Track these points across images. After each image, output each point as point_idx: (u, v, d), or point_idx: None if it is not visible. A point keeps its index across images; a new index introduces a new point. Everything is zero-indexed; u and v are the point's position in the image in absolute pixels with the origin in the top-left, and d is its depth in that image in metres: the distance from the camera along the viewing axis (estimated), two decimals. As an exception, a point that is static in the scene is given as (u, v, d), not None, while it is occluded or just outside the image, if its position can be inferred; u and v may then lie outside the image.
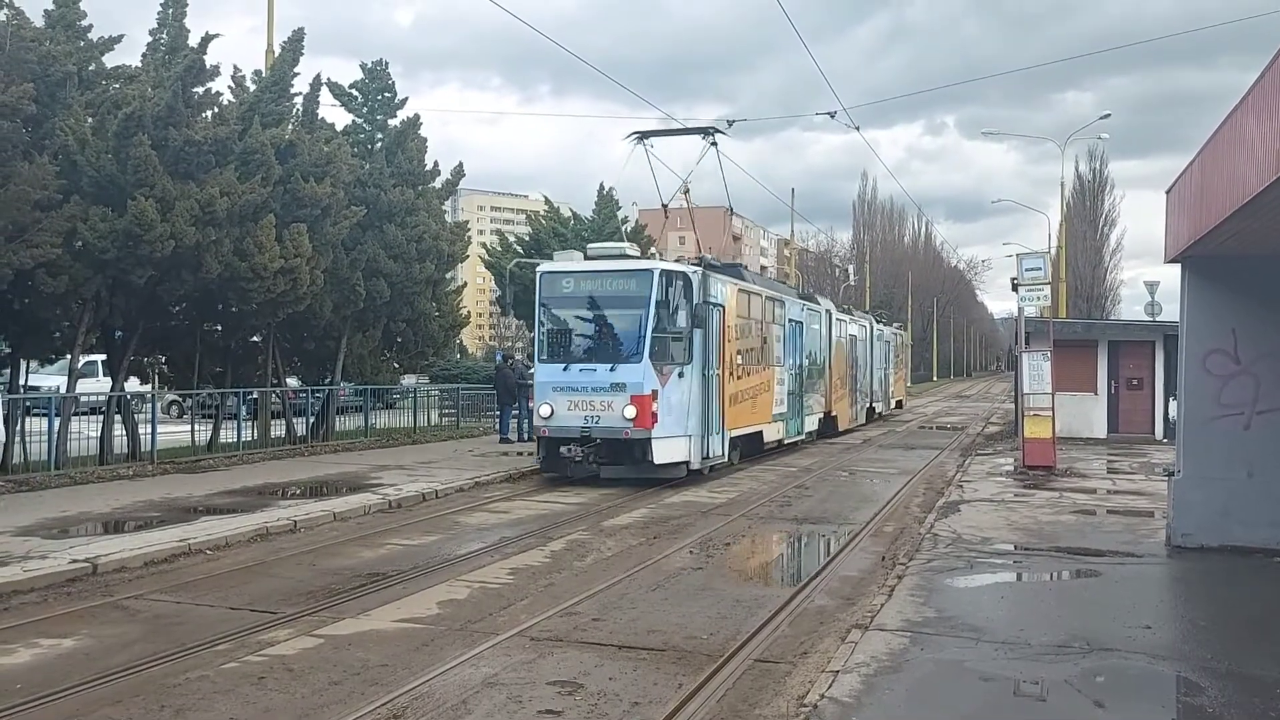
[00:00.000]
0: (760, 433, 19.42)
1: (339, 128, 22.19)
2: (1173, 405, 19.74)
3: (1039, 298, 19.02)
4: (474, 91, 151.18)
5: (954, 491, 15.04)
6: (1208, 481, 10.40)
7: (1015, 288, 18.63)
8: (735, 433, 17.69)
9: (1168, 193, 10.67)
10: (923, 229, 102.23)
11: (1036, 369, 18.09)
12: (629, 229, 33.38)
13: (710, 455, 16.28)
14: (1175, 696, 6.29)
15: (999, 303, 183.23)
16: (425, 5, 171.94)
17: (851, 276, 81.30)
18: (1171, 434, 19.45)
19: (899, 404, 41.01)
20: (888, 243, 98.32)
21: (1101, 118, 46.10)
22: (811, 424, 23.67)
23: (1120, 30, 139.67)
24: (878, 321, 36.68)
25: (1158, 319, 26.91)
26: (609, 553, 10.58)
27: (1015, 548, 10.64)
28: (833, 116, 24.76)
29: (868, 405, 31.87)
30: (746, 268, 21.16)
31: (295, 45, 18.13)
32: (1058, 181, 72.26)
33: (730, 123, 24.44)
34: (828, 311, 26.08)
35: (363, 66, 24.38)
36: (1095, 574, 9.46)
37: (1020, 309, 19.54)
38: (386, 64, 24.29)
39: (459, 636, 7.28)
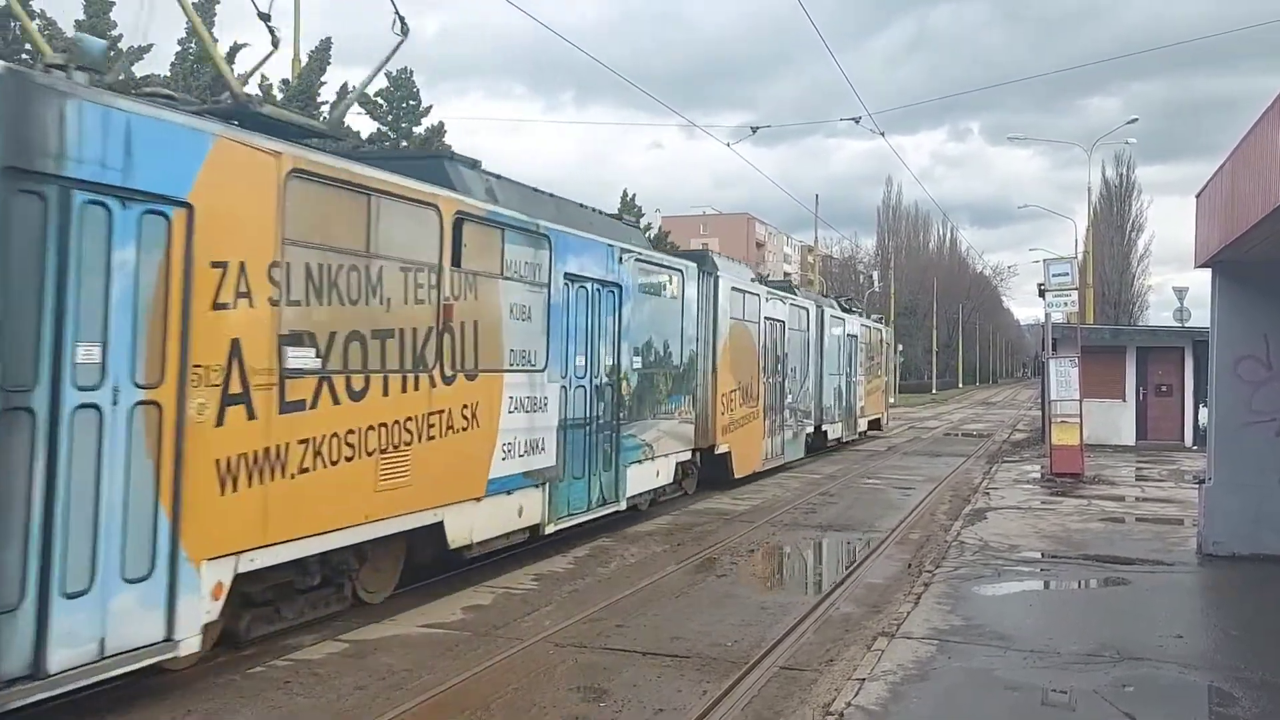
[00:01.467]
0: (440, 524, 8.41)
1: (364, 135, 22.38)
2: (1202, 412, 19.55)
3: (1066, 303, 18.91)
4: (498, 100, 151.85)
5: (980, 499, 14.93)
6: (1239, 489, 10.27)
7: (1042, 293, 18.52)
8: (288, 551, 6.71)
9: (1197, 197, 10.58)
10: (948, 235, 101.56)
11: (1064, 375, 17.94)
12: (653, 236, 33.17)
13: (95, 656, 5.36)
14: (1208, 707, 6.21)
15: (1025, 309, 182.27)
16: (450, 15, 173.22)
17: (876, 283, 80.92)
18: (1201, 441, 19.24)
19: (875, 424, 29.15)
20: (912, 249, 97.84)
21: (1128, 123, 45.66)
22: (653, 475, 12.82)
23: (1145, 35, 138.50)
24: (846, 309, 26.17)
25: (1186, 325, 26.63)
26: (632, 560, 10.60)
27: (1043, 555, 10.55)
28: (857, 122, 24.71)
29: (809, 429, 21.12)
30: (456, 158, 9.74)
31: (322, 55, 18.36)
32: (1084, 187, 71.84)
33: (754, 129, 24.50)
34: (713, 279, 15.14)
35: (388, 75, 24.62)
36: (1125, 582, 9.36)
37: (1047, 315, 19.44)
38: (411, 72, 24.50)
39: (483, 642, 7.29)
